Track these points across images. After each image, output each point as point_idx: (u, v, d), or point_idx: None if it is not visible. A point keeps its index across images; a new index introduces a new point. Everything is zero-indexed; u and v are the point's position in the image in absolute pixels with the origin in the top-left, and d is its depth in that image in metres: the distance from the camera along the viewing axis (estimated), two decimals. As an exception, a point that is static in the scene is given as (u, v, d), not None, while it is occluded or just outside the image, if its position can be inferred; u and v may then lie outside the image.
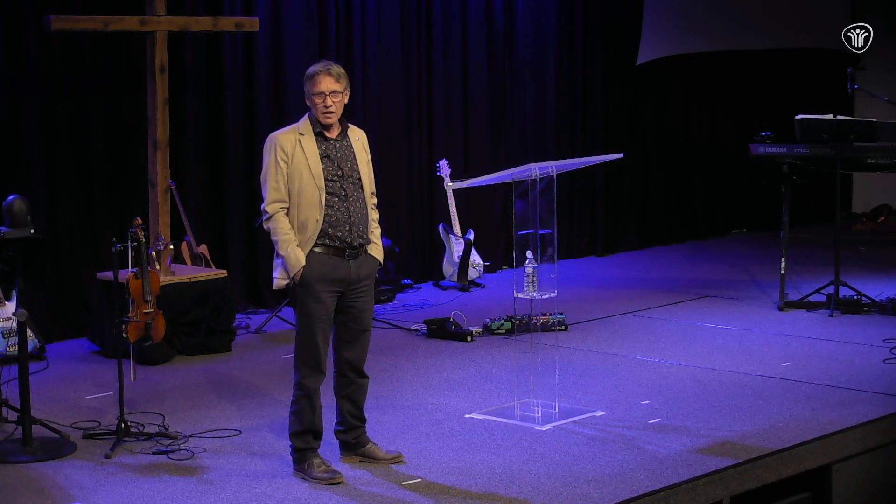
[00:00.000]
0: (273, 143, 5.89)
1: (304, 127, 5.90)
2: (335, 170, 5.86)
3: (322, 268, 5.83)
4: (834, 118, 9.32)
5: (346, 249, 5.86)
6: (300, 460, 5.92)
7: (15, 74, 8.57)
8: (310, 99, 5.89)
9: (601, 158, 7.36)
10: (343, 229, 5.84)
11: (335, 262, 5.85)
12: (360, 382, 6.06)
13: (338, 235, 5.84)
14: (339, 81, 5.87)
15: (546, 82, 11.87)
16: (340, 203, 5.85)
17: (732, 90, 13.47)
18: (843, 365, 7.83)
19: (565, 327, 8.83)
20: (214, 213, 9.69)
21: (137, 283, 7.17)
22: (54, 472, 6.02)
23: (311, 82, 5.85)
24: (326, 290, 5.85)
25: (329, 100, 5.83)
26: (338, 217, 5.84)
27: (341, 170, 5.87)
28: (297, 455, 5.94)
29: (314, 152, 5.84)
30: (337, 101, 5.85)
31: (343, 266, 5.86)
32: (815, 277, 10.12)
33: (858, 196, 14.53)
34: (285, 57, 9.90)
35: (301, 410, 5.89)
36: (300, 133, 5.87)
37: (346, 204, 5.86)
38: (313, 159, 5.83)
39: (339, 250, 5.85)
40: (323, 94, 5.83)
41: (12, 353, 7.29)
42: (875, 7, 13.92)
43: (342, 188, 5.86)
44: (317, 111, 5.87)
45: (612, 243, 12.44)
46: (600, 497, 5.59)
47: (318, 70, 5.86)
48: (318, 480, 5.82)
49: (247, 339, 8.85)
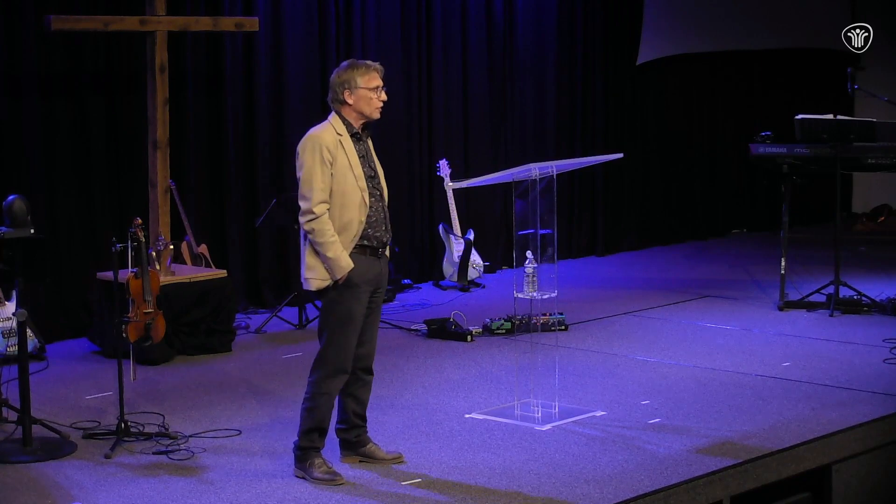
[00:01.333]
0: (316, 143, 5.75)
1: (340, 127, 5.80)
2: (368, 170, 5.85)
3: (362, 268, 5.80)
4: (834, 118, 9.32)
5: (379, 248, 5.87)
6: (302, 458, 5.88)
7: (15, 74, 8.57)
8: (356, 93, 5.76)
9: (601, 158, 7.36)
10: (380, 229, 5.86)
11: (371, 261, 5.84)
12: (366, 380, 6.04)
13: (376, 235, 5.85)
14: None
15: (546, 82, 11.87)
16: (376, 203, 5.85)
17: (732, 90, 13.47)
18: (843, 365, 7.83)
19: (565, 327, 8.83)
20: (214, 213, 9.69)
21: (137, 283, 7.17)
22: (54, 472, 6.02)
23: (368, 76, 5.76)
24: (366, 291, 5.84)
25: (384, 94, 5.81)
26: (376, 217, 5.84)
27: (372, 170, 5.88)
28: (300, 453, 5.89)
29: (354, 153, 5.79)
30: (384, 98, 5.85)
31: (375, 265, 5.87)
32: (815, 277, 10.12)
33: (858, 196, 14.53)
34: (285, 57, 9.90)
35: (317, 408, 5.83)
36: (338, 133, 5.78)
37: (381, 203, 5.88)
38: (354, 160, 5.77)
39: (374, 249, 5.85)
40: (379, 88, 5.79)
41: (12, 353, 7.29)
42: (875, 7, 13.92)
43: (375, 188, 5.87)
44: (369, 106, 5.78)
45: (612, 243, 12.44)
46: (600, 497, 5.59)
47: (367, 65, 5.79)
48: (319, 481, 5.80)
49: (247, 339, 8.85)
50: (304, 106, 10.04)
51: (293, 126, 9.97)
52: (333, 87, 5.81)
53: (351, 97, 5.77)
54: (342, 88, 5.77)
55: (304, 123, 9.94)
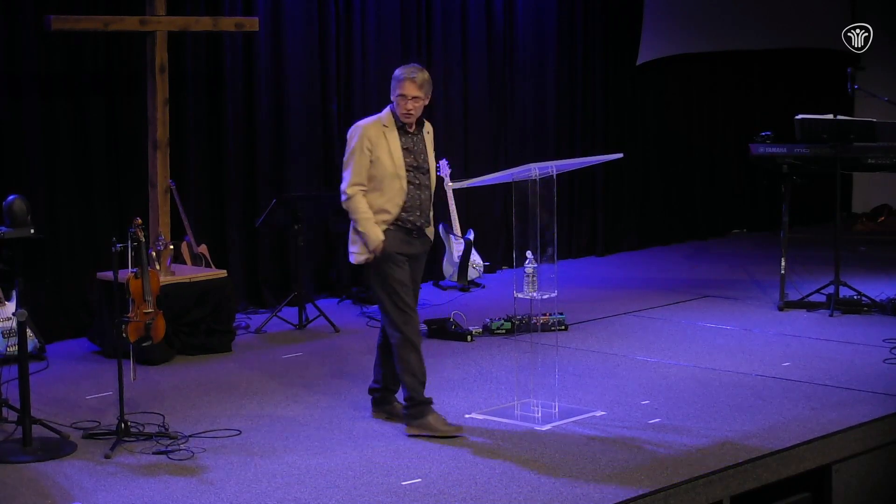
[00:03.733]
0: (360, 132, 6.49)
1: (388, 119, 6.53)
2: (412, 161, 6.55)
3: (396, 241, 6.52)
4: (834, 118, 9.32)
5: (414, 230, 6.57)
6: (417, 415, 6.48)
7: (15, 74, 8.57)
8: (394, 96, 6.49)
9: (601, 158, 7.37)
10: (415, 214, 6.56)
11: (405, 238, 6.55)
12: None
13: (410, 220, 6.54)
14: (422, 89, 6.49)
15: (546, 82, 11.87)
16: (415, 191, 6.55)
17: (732, 90, 13.47)
18: (843, 365, 7.83)
19: (565, 327, 8.83)
20: (214, 213, 9.69)
21: (137, 283, 7.17)
22: (54, 472, 6.02)
23: (398, 84, 6.48)
24: (403, 260, 6.53)
25: (410, 104, 6.47)
26: (412, 203, 6.54)
27: (417, 161, 6.56)
28: (413, 410, 6.50)
29: (397, 144, 6.49)
30: (417, 106, 6.49)
31: (411, 242, 6.58)
32: (815, 277, 10.12)
33: (858, 196, 14.53)
34: (285, 57, 9.90)
35: (411, 363, 6.46)
36: (384, 125, 6.50)
37: (419, 192, 6.57)
38: (396, 151, 6.48)
39: (409, 231, 6.55)
40: (406, 98, 6.47)
41: (12, 353, 7.29)
42: (875, 7, 13.92)
43: (416, 177, 6.56)
44: (399, 110, 6.49)
45: (612, 243, 12.44)
46: (600, 497, 5.59)
47: (405, 75, 6.48)
48: (441, 433, 6.41)
49: (247, 339, 8.85)
50: (304, 106, 10.04)
51: (293, 126, 9.98)
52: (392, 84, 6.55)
53: (394, 97, 6.53)
54: (393, 88, 6.53)
55: (304, 123, 10.07)
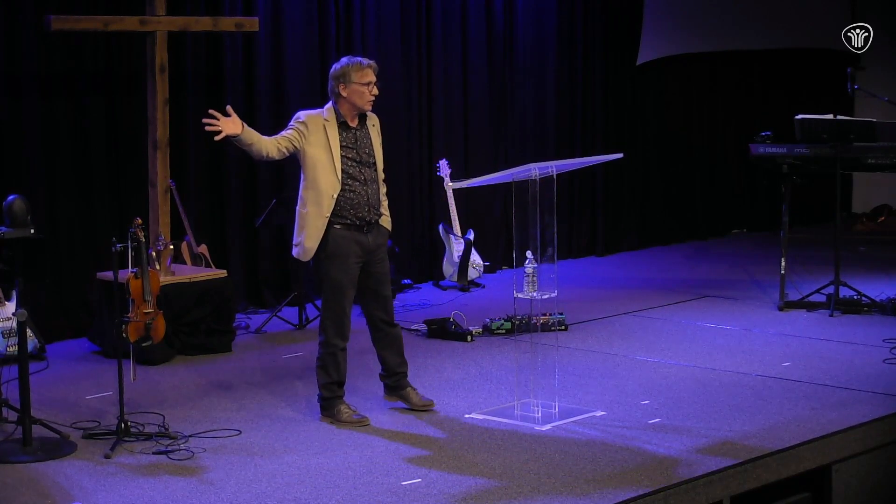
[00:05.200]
0: (300, 115, 6.60)
1: (329, 114, 6.59)
2: (355, 156, 6.58)
3: (345, 242, 6.59)
4: (834, 118, 9.32)
5: (364, 225, 6.61)
6: (328, 407, 6.72)
7: (15, 74, 8.57)
8: (350, 87, 6.51)
9: (601, 158, 7.37)
10: (362, 210, 6.60)
11: (355, 235, 6.60)
12: (392, 332, 6.86)
13: (358, 215, 6.59)
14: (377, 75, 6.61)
15: (546, 82, 11.87)
16: (360, 186, 6.60)
17: (732, 90, 13.47)
18: (843, 365, 7.83)
19: (565, 327, 8.83)
20: (214, 213, 9.70)
21: (137, 283, 7.17)
22: (54, 472, 6.02)
23: (361, 73, 6.50)
24: (352, 261, 6.60)
25: (375, 89, 6.54)
26: (358, 200, 6.58)
27: (360, 156, 6.60)
28: (324, 403, 6.73)
29: (336, 140, 6.54)
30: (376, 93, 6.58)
31: (361, 238, 6.62)
32: (815, 277, 10.12)
33: (858, 196, 14.53)
34: (285, 57, 9.90)
35: (326, 366, 6.68)
36: (325, 119, 6.57)
37: (365, 187, 6.62)
38: (335, 147, 6.53)
39: (358, 227, 6.60)
40: (371, 84, 6.52)
41: (12, 353, 7.29)
42: (875, 7, 13.92)
43: (361, 173, 6.61)
44: (361, 99, 6.53)
45: (612, 243, 12.45)
46: (600, 497, 5.59)
47: (366, 63, 6.53)
48: (346, 424, 6.62)
49: (247, 339, 8.85)
50: (304, 106, 10.01)
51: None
52: (331, 80, 6.60)
53: (345, 90, 6.52)
54: (338, 82, 6.55)
55: (304, 123, 10.05)
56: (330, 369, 6.69)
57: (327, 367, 6.70)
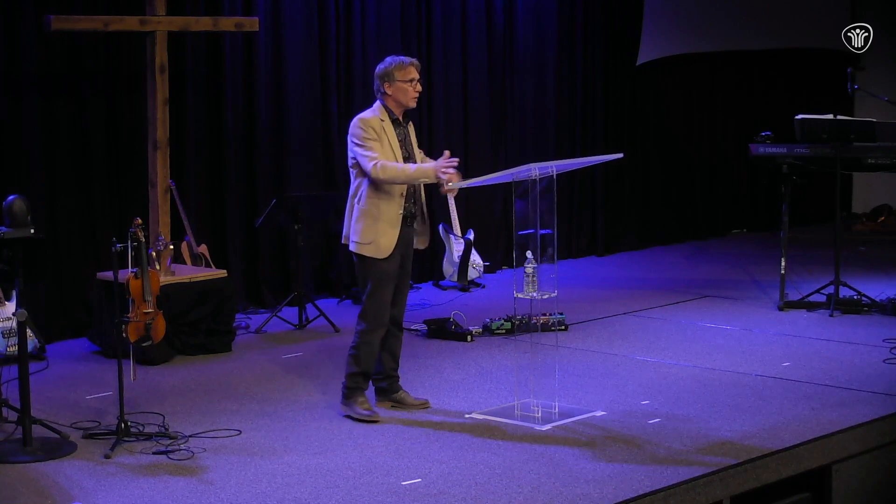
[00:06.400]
0: (366, 123, 6.68)
1: (383, 113, 6.75)
2: (405, 152, 6.80)
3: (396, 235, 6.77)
4: (834, 118, 9.32)
5: (409, 218, 6.80)
6: (348, 396, 6.81)
7: (15, 74, 8.57)
8: (394, 85, 6.69)
9: (601, 158, 7.36)
10: (410, 202, 6.80)
11: (405, 228, 6.77)
12: (398, 335, 6.99)
13: (406, 206, 6.76)
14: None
15: (546, 82, 11.87)
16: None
17: (732, 90, 13.47)
18: (843, 365, 7.83)
19: (565, 327, 8.83)
20: (214, 213, 9.69)
21: (137, 283, 7.17)
22: (54, 472, 6.02)
23: (404, 71, 6.69)
24: (397, 253, 6.74)
25: (419, 85, 6.74)
26: (408, 192, 6.77)
27: (408, 151, 6.84)
28: (346, 391, 6.82)
29: (394, 136, 6.74)
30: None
31: (407, 232, 6.81)
32: (815, 277, 10.12)
33: (858, 196, 14.54)
34: (285, 57, 9.90)
35: (360, 355, 6.78)
36: (381, 119, 6.72)
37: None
38: (394, 142, 6.72)
39: (405, 218, 6.77)
40: (415, 81, 6.72)
41: (12, 353, 7.29)
42: (875, 7, 13.92)
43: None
44: (405, 96, 6.72)
45: (612, 243, 12.45)
46: (600, 497, 5.59)
47: (410, 61, 6.73)
48: (360, 416, 6.73)
49: (247, 339, 8.85)
50: (304, 106, 10.04)
51: (293, 126, 9.98)
52: (377, 80, 6.78)
53: (390, 88, 6.71)
54: (383, 81, 6.74)
55: (303, 123, 10.06)
56: (362, 360, 6.78)
57: (360, 357, 6.79)
